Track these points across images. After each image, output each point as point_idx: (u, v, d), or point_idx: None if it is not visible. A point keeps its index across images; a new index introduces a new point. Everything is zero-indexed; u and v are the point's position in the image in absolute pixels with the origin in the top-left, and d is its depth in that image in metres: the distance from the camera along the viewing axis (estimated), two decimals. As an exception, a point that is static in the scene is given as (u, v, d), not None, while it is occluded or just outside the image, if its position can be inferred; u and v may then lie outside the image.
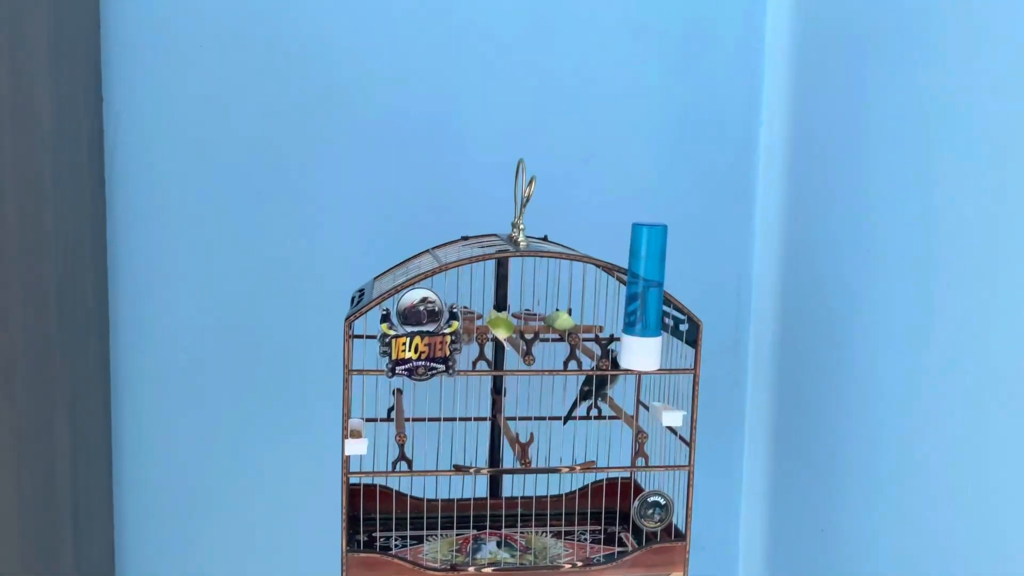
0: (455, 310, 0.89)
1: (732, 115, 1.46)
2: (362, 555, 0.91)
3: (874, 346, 1.19)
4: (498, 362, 1.06)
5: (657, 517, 0.97)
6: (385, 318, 0.88)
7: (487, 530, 1.06)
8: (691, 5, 1.43)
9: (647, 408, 1.04)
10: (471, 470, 0.92)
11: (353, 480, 1.12)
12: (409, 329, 0.88)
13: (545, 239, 1.11)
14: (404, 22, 1.35)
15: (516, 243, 0.98)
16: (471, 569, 0.93)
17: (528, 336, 0.93)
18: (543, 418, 1.09)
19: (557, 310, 0.97)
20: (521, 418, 1.08)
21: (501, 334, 0.91)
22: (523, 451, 0.93)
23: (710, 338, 1.51)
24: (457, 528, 1.07)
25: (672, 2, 1.42)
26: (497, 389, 1.10)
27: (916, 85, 1.11)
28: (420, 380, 0.89)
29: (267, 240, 1.34)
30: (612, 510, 1.11)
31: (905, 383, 1.13)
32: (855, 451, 1.23)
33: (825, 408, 1.31)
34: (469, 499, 1.10)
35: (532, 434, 0.95)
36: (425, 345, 0.88)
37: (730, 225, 1.49)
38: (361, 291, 1.04)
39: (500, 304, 1.08)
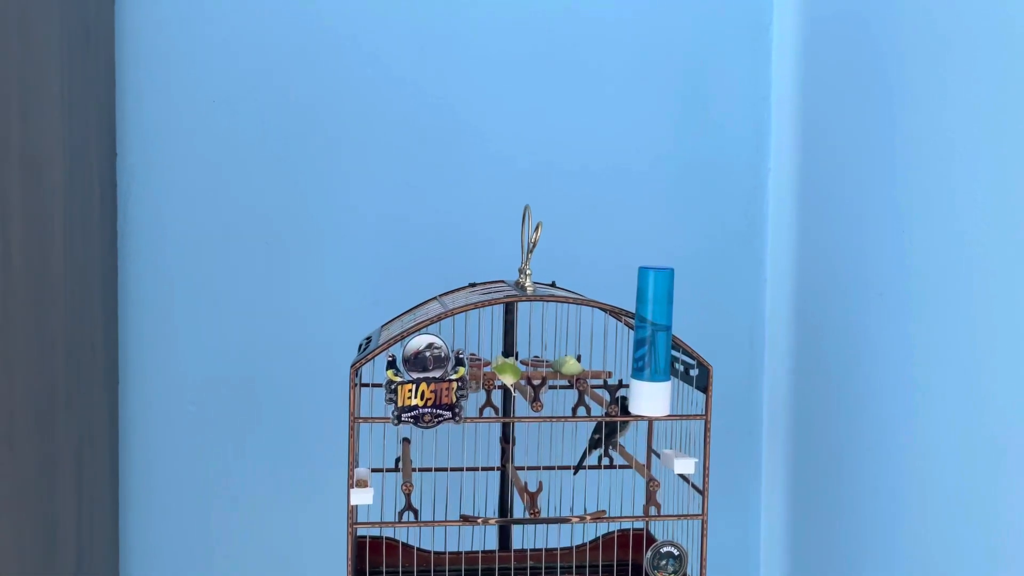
0: (461, 356, 0.88)
1: (740, 161, 1.46)
2: (368, 610, 0.88)
3: (888, 392, 1.17)
4: (506, 409, 1.04)
5: (671, 568, 0.94)
6: (391, 364, 0.87)
7: (497, 583, 1.04)
8: (698, 53, 1.44)
9: (659, 456, 1.02)
10: (479, 520, 0.90)
11: (361, 531, 1.10)
12: (415, 375, 0.87)
13: (553, 285, 1.11)
14: (413, 71, 1.37)
15: (523, 288, 0.97)
16: (479, 624, 0.90)
17: (536, 382, 0.92)
18: (553, 467, 1.07)
19: (565, 356, 0.96)
20: (530, 468, 1.06)
21: (508, 380, 0.89)
22: (532, 500, 0.91)
23: (723, 386, 1.49)
24: (466, 582, 1.04)
25: (678, 51, 1.44)
26: (506, 437, 1.08)
27: (922, 132, 1.11)
28: (427, 427, 0.88)
29: (275, 290, 1.34)
30: (625, 562, 1.08)
31: (919, 429, 1.10)
32: (874, 499, 1.20)
33: (842, 456, 1.28)
34: (478, 552, 1.07)
35: (540, 483, 0.93)
36: (431, 392, 0.87)
37: (740, 272, 1.48)
38: (368, 339, 1.03)
39: (508, 351, 1.07)
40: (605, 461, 1.07)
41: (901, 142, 1.15)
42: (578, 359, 1.00)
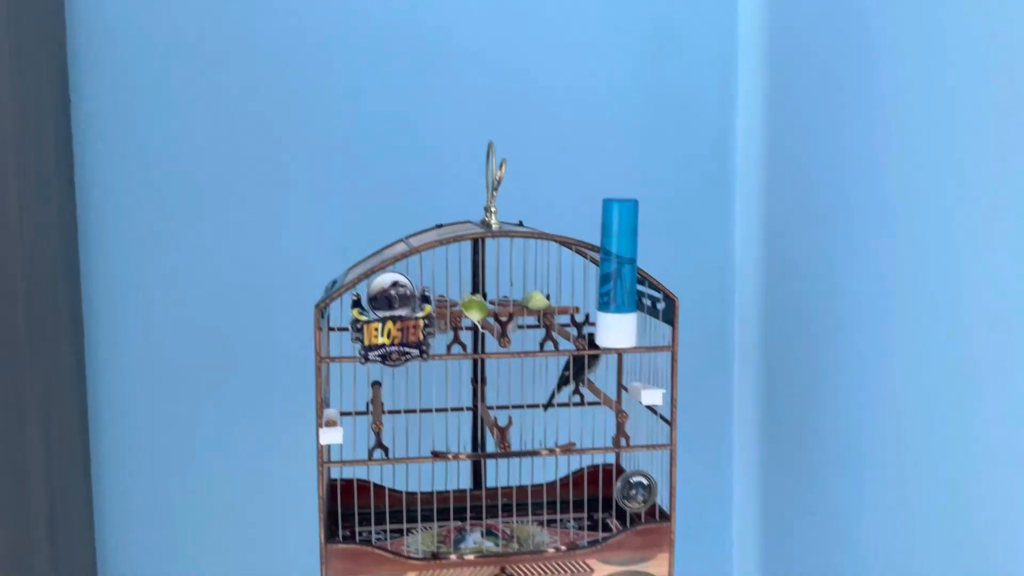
0: (427, 294, 0.88)
1: (709, 96, 1.45)
2: (341, 547, 0.89)
3: (858, 325, 1.18)
4: (476, 348, 1.04)
5: (640, 498, 0.96)
6: (356, 303, 0.86)
7: (471, 521, 1.05)
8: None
9: (627, 390, 1.03)
10: (449, 456, 0.91)
11: (334, 473, 1.11)
12: (381, 314, 0.87)
13: (520, 224, 1.10)
14: (378, 14, 1.35)
15: (488, 226, 0.96)
16: (452, 557, 0.92)
17: (503, 318, 0.92)
18: (522, 406, 1.08)
19: (532, 291, 0.95)
20: (501, 406, 1.07)
21: (475, 316, 0.89)
22: (502, 435, 0.91)
23: (695, 324, 1.50)
24: (441, 520, 1.05)
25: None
26: (477, 377, 1.08)
27: (895, 63, 1.11)
28: (394, 365, 0.88)
29: (241, 236, 1.33)
30: (597, 497, 1.10)
31: (890, 362, 1.12)
32: (842, 431, 1.22)
33: (812, 389, 1.30)
34: (452, 491, 1.08)
35: (511, 418, 0.94)
36: (398, 330, 0.87)
37: (710, 211, 1.48)
38: (334, 281, 1.03)
39: (476, 290, 1.06)
40: (576, 398, 1.08)
41: (872, 74, 1.15)
42: (547, 297, 1.00)
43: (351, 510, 1.05)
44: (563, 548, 0.93)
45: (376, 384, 1.06)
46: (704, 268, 1.49)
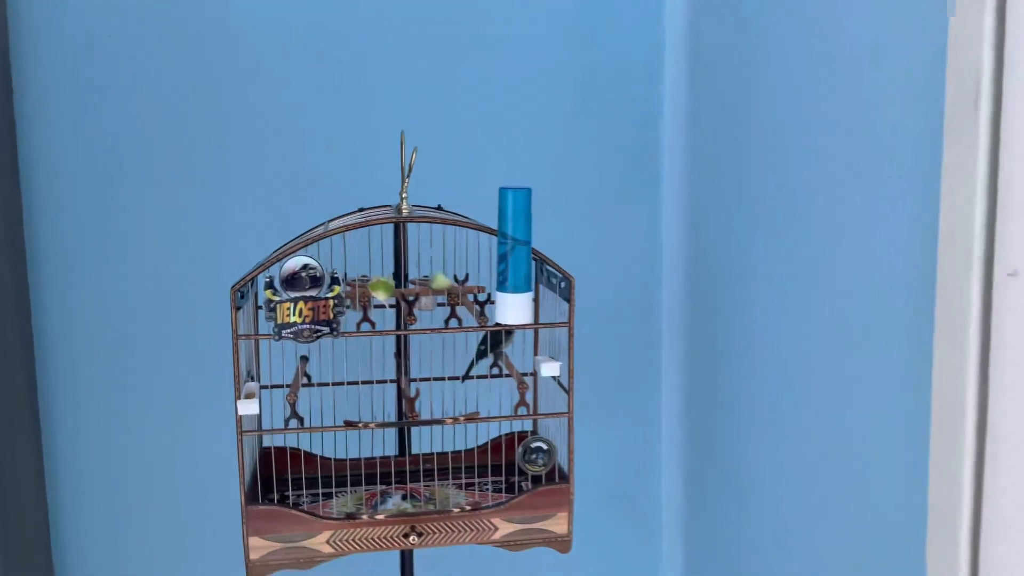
0: (336, 276, 0.95)
1: (635, 84, 1.52)
2: (261, 508, 0.97)
3: (768, 300, 1.26)
4: (398, 326, 1.12)
5: (541, 461, 1.04)
6: (269, 284, 0.93)
7: (395, 485, 1.13)
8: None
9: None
10: (359, 424, 0.98)
11: (266, 443, 1.19)
12: (292, 294, 0.94)
13: (439, 208, 1.17)
14: (304, 4, 1.40)
15: (400, 211, 1.03)
16: (364, 517, 1.00)
17: (409, 297, 0.99)
18: (442, 378, 1.15)
19: (437, 273, 1.03)
20: (420, 379, 1.14)
21: (381, 296, 0.97)
22: (410, 405, 0.99)
23: (626, 302, 1.58)
24: (367, 485, 1.13)
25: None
26: (399, 352, 1.16)
27: (803, 53, 1.17)
28: (307, 342, 0.95)
29: (177, 221, 1.39)
30: (514, 462, 1.18)
31: (795, 333, 1.20)
32: (754, 396, 1.30)
33: (728, 354, 1.38)
34: (381, 457, 1.16)
35: (418, 390, 1.01)
36: (309, 309, 0.94)
37: (638, 192, 1.55)
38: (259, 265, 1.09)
39: (398, 271, 1.14)
40: (495, 371, 1.15)
41: (784, 64, 1.22)
42: (465, 279, 1.07)
43: (281, 476, 1.13)
44: (468, 508, 1.01)
45: (303, 358, 1.14)
46: (634, 248, 1.56)
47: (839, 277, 1.08)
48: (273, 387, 1.10)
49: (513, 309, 0.95)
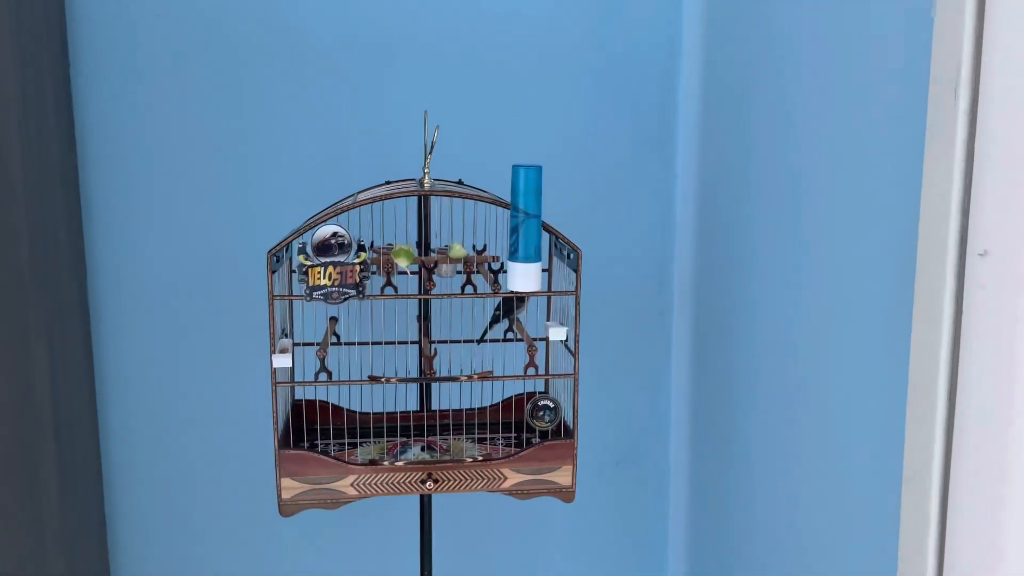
0: (363, 243, 1.04)
1: (653, 63, 1.58)
2: (292, 452, 1.08)
3: (776, 273, 1.33)
4: (420, 291, 1.21)
5: (547, 418, 1.13)
6: (302, 250, 1.03)
7: (415, 438, 1.23)
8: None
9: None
10: (383, 379, 1.08)
11: (299, 394, 1.29)
12: (322, 259, 1.03)
13: (460, 183, 1.25)
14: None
15: (422, 185, 1.12)
16: (386, 463, 1.10)
17: (429, 265, 1.08)
18: (459, 341, 1.24)
19: (454, 243, 1.11)
20: (439, 341, 1.24)
21: (402, 262, 1.06)
22: (428, 363, 1.08)
23: (638, 274, 1.66)
24: (390, 437, 1.23)
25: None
26: (421, 315, 1.25)
27: (819, 38, 1.23)
28: (335, 303, 1.04)
29: (218, 190, 1.50)
30: (523, 420, 1.27)
31: (794, 300, 1.27)
32: (759, 365, 1.38)
33: (734, 325, 1.45)
34: (403, 412, 1.26)
35: (436, 350, 1.11)
36: (337, 273, 1.03)
37: (653, 169, 1.62)
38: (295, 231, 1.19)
39: (421, 241, 1.23)
40: (510, 335, 1.24)
41: (791, 52, 1.27)
42: (483, 249, 1.16)
43: (312, 426, 1.23)
44: (479, 458, 1.11)
45: (332, 319, 1.24)
46: (648, 222, 1.63)
47: (834, 252, 1.15)
48: (305, 344, 1.20)
49: (523, 277, 1.04)
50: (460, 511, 1.63)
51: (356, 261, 1.03)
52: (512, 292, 1.06)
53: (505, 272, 1.09)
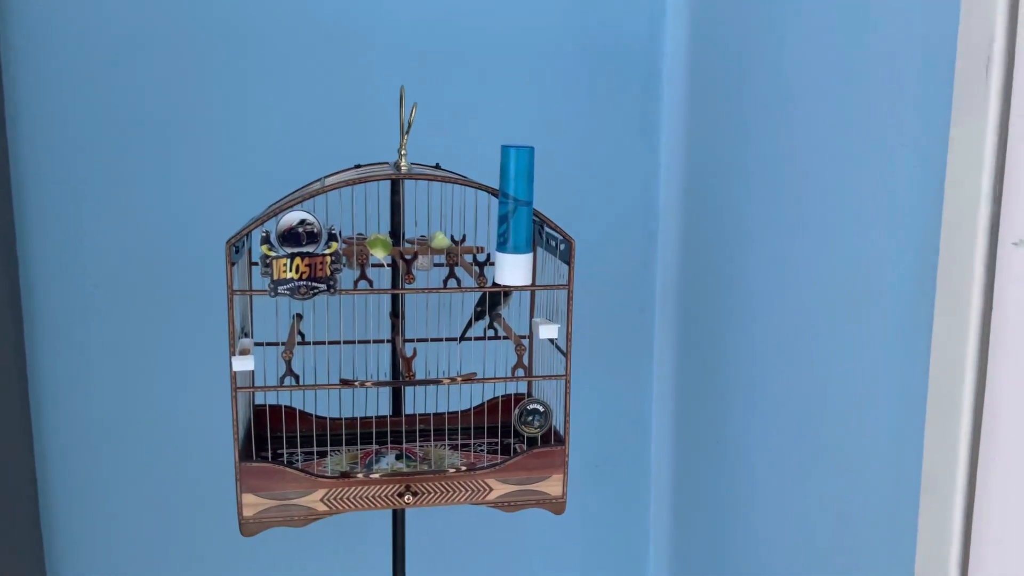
0: (334, 232, 0.93)
1: (636, 45, 1.49)
2: (255, 465, 0.96)
3: (763, 267, 1.25)
4: (393, 285, 1.10)
5: (537, 423, 1.03)
6: (265, 240, 0.92)
7: (388, 445, 1.12)
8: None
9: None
10: (356, 383, 0.97)
11: (260, 399, 1.18)
12: (289, 250, 0.92)
13: (437, 167, 1.15)
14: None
15: (399, 168, 1.01)
16: (359, 475, 0.99)
17: (407, 256, 0.98)
18: (439, 339, 1.14)
19: (436, 232, 1.01)
20: (413, 339, 1.14)
21: (379, 254, 0.95)
22: (407, 365, 0.98)
23: (620, 265, 1.57)
24: (361, 444, 1.13)
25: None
26: (395, 312, 1.15)
27: (817, 10, 1.15)
28: (303, 299, 0.93)
29: (165, 171, 1.37)
30: (508, 423, 1.18)
31: (790, 297, 1.20)
32: (744, 365, 1.31)
33: (721, 327, 1.37)
34: (371, 417, 1.15)
35: (415, 350, 1.00)
36: (306, 265, 0.93)
37: (637, 156, 1.54)
38: (255, 219, 1.07)
39: (395, 229, 1.12)
40: (491, 332, 1.15)
41: (789, 28, 1.20)
42: (462, 239, 1.06)
43: (276, 434, 1.12)
44: (463, 468, 1.01)
45: (297, 316, 1.13)
46: (630, 211, 1.55)
47: (840, 243, 1.07)
48: (267, 345, 1.08)
49: (513, 270, 0.94)
50: (434, 517, 1.53)
51: (327, 252, 0.92)
52: (500, 286, 0.96)
53: (491, 264, 1.00)
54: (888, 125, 0.98)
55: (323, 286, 0.93)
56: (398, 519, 1.12)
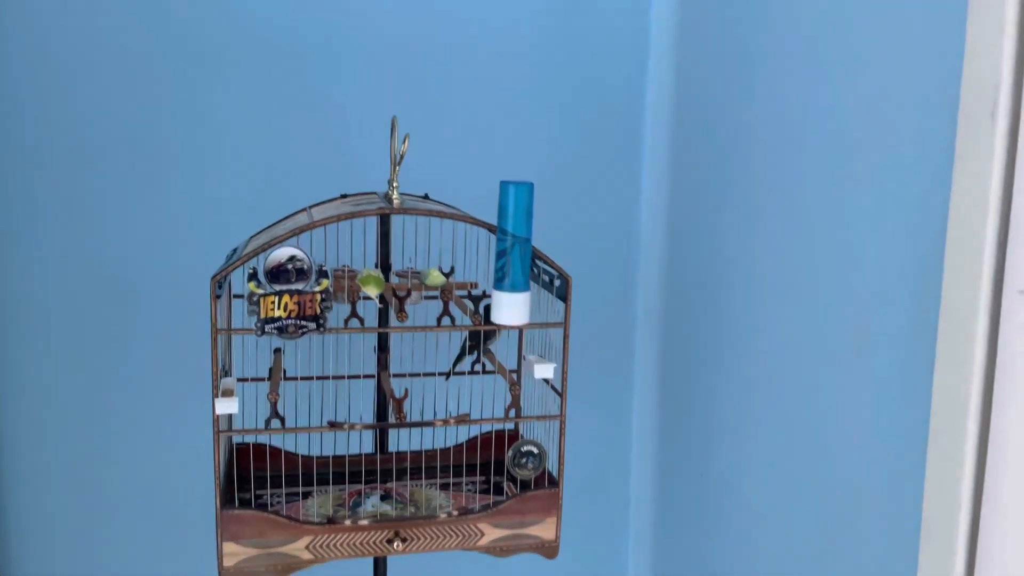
0: (324, 268, 0.89)
1: (619, 71, 1.48)
2: (236, 512, 0.92)
3: (747, 302, 1.24)
4: (382, 320, 1.07)
5: (531, 466, 1.00)
6: (252, 276, 0.87)
7: (372, 485, 1.08)
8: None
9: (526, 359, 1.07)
10: (344, 426, 0.93)
11: (236, 439, 1.13)
12: (277, 287, 0.88)
13: (426, 197, 1.12)
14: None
15: (391, 201, 0.98)
16: (347, 522, 0.95)
17: (401, 293, 0.94)
18: (431, 374, 1.11)
19: (430, 268, 0.98)
20: (402, 375, 1.10)
21: (371, 291, 0.91)
22: (398, 406, 0.94)
23: (600, 293, 1.55)
24: (341, 484, 1.08)
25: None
26: (381, 347, 1.11)
27: (799, 44, 1.15)
28: (291, 338, 0.89)
29: (141, 200, 1.31)
30: (497, 461, 1.14)
31: (771, 338, 1.18)
32: (730, 395, 1.29)
33: (705, 360, 1.36)
34: (354, 455, 1.11)
35: (407, 390, 0.97)
36: (295, 303, 0.88)
37: (618, 183, 1.52)
38: (235, 250, 1.03)
39: (383, 262, 1.08)
40: (478, 367, 1.11)
41: (780, 65, 1.19)
42: (450, 273, 1.03)
43: (254, 473, 1.07)
44: (455, 513, 0.97)
45: (277, 351, 1.08)
46: (611, 239, 1.53)
47: (830, 285, 1.07)
48: (246, 380, 1.04)
49: (511, 309, 0.91)
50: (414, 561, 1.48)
51: (317, 289, 0.88)
52: (497, 324, 0.93)
53: (487, 296, 0.97)
54: (886, 166, 0.97)
55: (312, 325, 0.89)
56: (380, 561, 1.08)
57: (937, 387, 0.88)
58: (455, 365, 1.09)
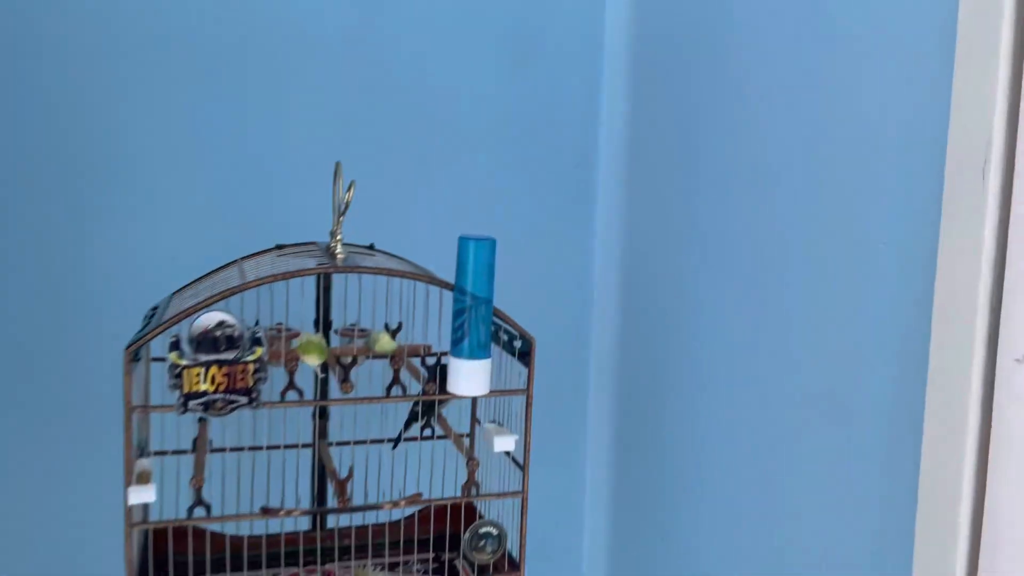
0: (258, 335, 0.79)
1: (571, 118, 1.42)
2: (153, 617, 0.79)
3: (706, 351, 1.18)
4: (320, 386, 0.96)
5: (490, 549, 0.91)
6: (175, 346, 0.76)
7: (310, 567, 0.97)
8: (529, 5, 1.37)
9: (480, 424, 0.98)
10: (280, 512, 0.82)
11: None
12: (204, 358, 0.77)
13: (371, 248, 1.02)
14: (229, 19, 1.22)
15: (333, 255, 0.88)
16: (283, 622, 0.83)
17: (346, 361, 0.84)
18: (365, 442, 1.00)
19: (379, 331, 0.88)
20: (341, 443, 0.99)
21: (312, 361, 0.81)
22: (341, 488, 0.84)
23: (553, 345, 1.47)
24: (276, 567, 0.97)
25: (509, 1, 1.36)
26: (319, 413, 1.00)
27: (749, 87, 1.10)
28: (219, 415, 0.78)
29: (55, 243, 1.17)
30: (446, 535, 1.04)
31: (731, 387, 1.12)
32: (687, 452, 1.22)
33: (660, 411, 1.29)
34: (290, 533, 1.00)
35: (351, 469, 0.86)
36: (224, 375, 0.77)
37: (571, 232, 1.45)
38: (155, 309, 0.91)
39: (322, 320, 0.98)
40: (427, 432, 1.01)
41: (728, 97, 1.14)
42: (396, 330, 0.93)
43: (174, 559, 0.94)
44: (405, 606, 0.87)
45: (203, 420, 0.96)
46: (562, 292, 1.46)
47: (801, 346, 1.01)
48: (165, 453, 0.91)
49: (470, 378, 0.82)
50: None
51: (250, 359, 0.78)
52: (453, 395, 0.84)
53: (438, 357, 0.87)
54: (868, 223, 0.92)
55: (244, 399, 0.78)
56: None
57: (926, 462, 0.83)
58: (404, 430, 0.99)
